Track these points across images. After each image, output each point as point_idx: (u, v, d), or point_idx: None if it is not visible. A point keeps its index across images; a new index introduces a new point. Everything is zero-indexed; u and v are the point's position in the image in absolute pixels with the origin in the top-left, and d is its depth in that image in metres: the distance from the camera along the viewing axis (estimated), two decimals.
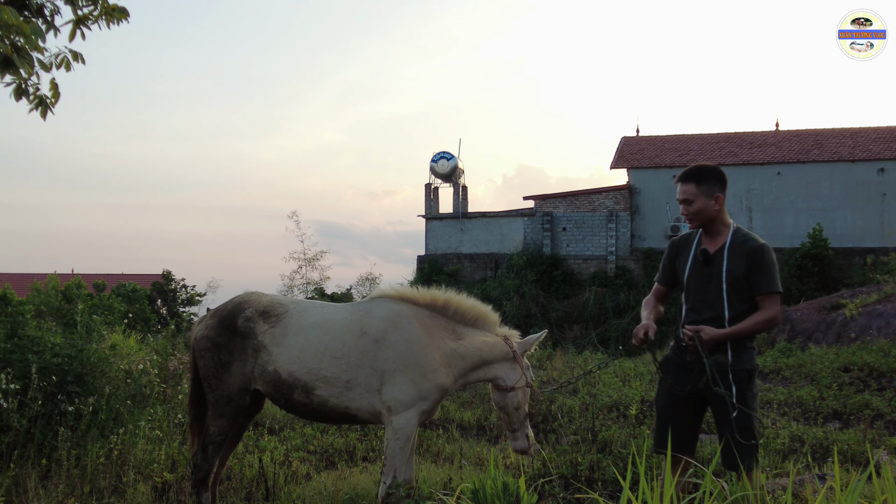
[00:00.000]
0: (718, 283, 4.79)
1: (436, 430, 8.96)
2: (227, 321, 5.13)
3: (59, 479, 6.10)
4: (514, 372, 5.33)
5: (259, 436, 8.11)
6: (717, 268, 4.82)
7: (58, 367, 6.98)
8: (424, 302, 5.19)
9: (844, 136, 35.07)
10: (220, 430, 5.09)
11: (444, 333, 5.13)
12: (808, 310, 17.69)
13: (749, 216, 33.45)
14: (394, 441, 4.85)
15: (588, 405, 9.60)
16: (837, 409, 10.05)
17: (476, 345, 5.21)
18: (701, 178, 4.91)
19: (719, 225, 4.93)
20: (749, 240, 4.83)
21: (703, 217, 4.88)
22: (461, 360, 5.16)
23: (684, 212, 4.93)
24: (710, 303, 4.82)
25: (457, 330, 5.24)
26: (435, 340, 5.03)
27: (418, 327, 5.00)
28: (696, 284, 4.90)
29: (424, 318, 5.09)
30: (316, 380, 4.94)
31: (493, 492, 4.63)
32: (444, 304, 5.23)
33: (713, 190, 4.89)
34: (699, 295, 4.87)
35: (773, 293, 4.71)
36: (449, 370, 5.05)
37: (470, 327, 5.29)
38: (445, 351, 5.07)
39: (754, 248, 4.77)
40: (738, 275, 4.74)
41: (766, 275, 4.71)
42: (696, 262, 4.91)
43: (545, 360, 15.91)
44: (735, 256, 4.78)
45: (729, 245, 4.84)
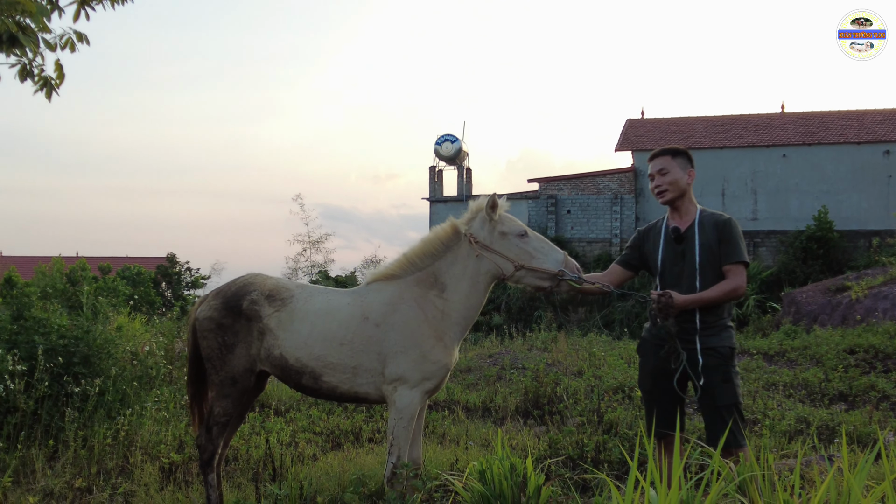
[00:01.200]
0: (692, 258, 4.91)
1: (441, 411, 8.96)
2: (231, 303, 5.11)
3: (67, 459, 6.12)
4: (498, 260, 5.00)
5: (265, 417, 8.12)
6: (690, 244, 4.94)
7: (64, 348, 6.98)
8: (403, 271, 5.14)
9: (850, 118, 34.96)
10: (224, 410, 5.07)
11: (433, 294, 5.05)
12: (814, 292, 17.66)
13: (754, 199, 33.42)
14: (397, 421, 4.84)
15: (593, 387, 9.58)
16: (843, 391, 10.02)
17: (455, 286, 5.05)
18: (675, 152, 5.11)
19: (688, 203, 5.06)
20: (716, 215, 4.98)
21: (676, 189, 5.01)
22: (450, 321, 5.03)
23: (658, 183, 5.05)
24: (684, 278, 4.92)
25: (438, 277, 5.10)
26: (428, 314, 4.98)
27: (413, 306, 4.97)
28: (671, 263, 5.00)
29: (415, 291, 5.04)
30: (324, 366, 4.94)
31: (501, 472, 4.63)
32: (411, 261, 5.14)
33: (686, 165, 5.06)
34: (673, 272, 4.99)
35: (739, 262, 4.86)
36: (448, 341, 5.00)
37: (441, 259, 5.11)
38: (437, 320, 4.99)
39: (723, 221, 4.92)
40: (710, 246, 4.88)
41: (733, 245, 4.86)
42: (669, 241, 5.03)
43: (550, 342, 15.91)
44: (705, 230, 4.92)
45: (699, 221, 4.97)
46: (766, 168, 33.54)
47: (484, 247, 4.99)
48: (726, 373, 4.80)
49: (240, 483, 5.96)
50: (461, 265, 5.05)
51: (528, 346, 16.17)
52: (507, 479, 4.59)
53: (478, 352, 15.49)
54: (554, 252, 5.01)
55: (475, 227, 5.05)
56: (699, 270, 4.87)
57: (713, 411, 4.77)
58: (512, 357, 14.00)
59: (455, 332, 5.06)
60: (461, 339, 5.16)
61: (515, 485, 4.60)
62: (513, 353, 14.69)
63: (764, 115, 37.16)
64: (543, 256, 4.98)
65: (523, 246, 4.98)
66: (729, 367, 4.82)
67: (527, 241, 5.00)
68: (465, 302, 5.06)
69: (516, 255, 4.97)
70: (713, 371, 4.79)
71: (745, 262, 4.89)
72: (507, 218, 5.07)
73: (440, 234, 5.15)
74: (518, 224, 5.06)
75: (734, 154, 33.77)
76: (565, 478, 5.53)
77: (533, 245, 5.00)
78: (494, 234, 5.00)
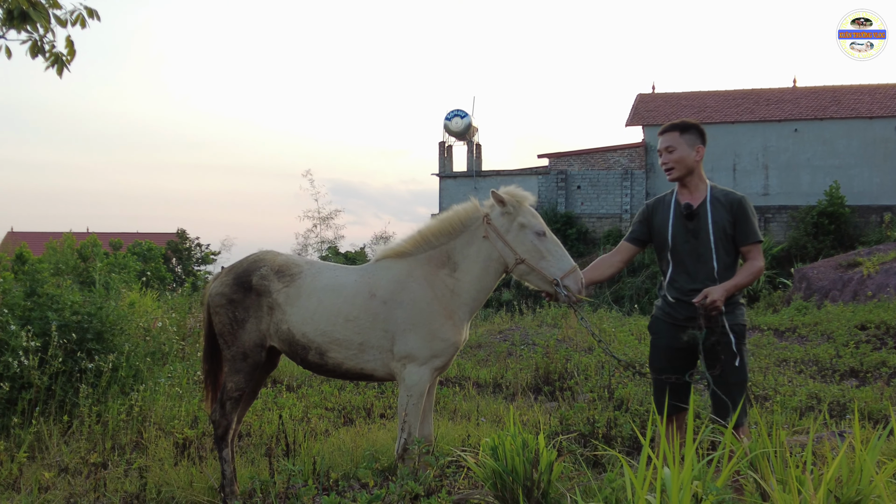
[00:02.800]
0: (706, 237, 4.87)
1: (452, 387, 8.99)
2: (242, 278, 5.15)
3: (81, 434, 6.17)
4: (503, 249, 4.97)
5: (277, 393, 8.16)
6: (703, 222, 4.89)
7: (77, 324, 7.02)
8: (416, 248, 5.13)
9: (862, 92, 34.69)
10: (236, 385, 5.12)
11: (444, 273, 5.05)
12: (825, 268, 17.61)
13: (765, 174, 33.27)
14: (407, 398, 4.87)
15: (604, 363, 9.59)
16: (854, 367, 10.02)
17: (468, 267, 5.04)
18: (684, 128, 4.99)
19: (697, 179, 5.00)
20: (728, 193, 4.93)
21: (683, 166, 4.94)
22: (459, 301, 5.02)
23: (665, 160, 4.99)
24: (697, 257, 4.90)
25: (451, 256, 5.09)
26: (438, 292, 4.98)
27: (423, 283, 4.97)
28: (682, 240, 4.95)
29: (425, 269, 5.04)
30: (329, 342, 4.96)
31: (513, 448, 4.65)
32: (426, 239, 5.12)
33: (695, 141, 4.97)
34: (685, 250, 4.93)
35: (757, 242, 4.87)
36: (457, 319, 5.00)
37: (457, 238, 5.09)
38: (447, 298, 4.99)
39: (736, 200, 4.88)
40: (723, 227, 4.84)
41: (750, 225, 4.85)
42: (679, 217, 4.96)
43: (560, 318, 15.91)
44: (718, 209, 4.87)
45: (710, 198, 4.92)
46: (778, 143, 33.35)
47: (497, 232, 4.97)
48: (739, 351, 4.81)
49: (253, 458, 6.00)
50: (476, 246, 5.04)
51: (538, 321, 16.19)
52: (519, 456, 4.61)
53: (488, 328, 15.52)
54: (563, 261, 4.93)
55: (495, 211, 5.01)
56: (714, 249, 4.85)
57: (724, 388, 4.76)
58: (522, 333, 14.03)
59: (464, 312, 5.06)
60: (470, 318, 5.16)
61: (527, 461, 4.62)
62: (523, 329, 14.72)
63: (776, 89, 36.89)
64: (552, 261, 4.91)
65: (537, 244, 4.93)
66: (741, 346, 4.83)
67: (543, 240, 4.94)
68: (477, 283, 5.05)
69: (525, 251, 4.94)
70: (726, 349, 4.79)
71: (761, 242, 4.90)
72: (530, 212, 5.02)
73: (460, 214, 5.13)
74: (540, 222, 5.00)
75: (746, 129, 33.58)
76: (577, 454, 5.55)
77: (546, 246, 4.94)
78: (514, 224, 4.96)
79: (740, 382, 4.79)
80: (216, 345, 5.31)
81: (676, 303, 4.93)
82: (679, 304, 4.91)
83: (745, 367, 4.83)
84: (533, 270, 4.94)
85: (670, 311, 4.98)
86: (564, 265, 4.91)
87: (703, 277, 4.84)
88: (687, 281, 4.91)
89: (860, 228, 30.04)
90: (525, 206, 5.01)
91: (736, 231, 4.84)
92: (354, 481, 5.39)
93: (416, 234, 5.16)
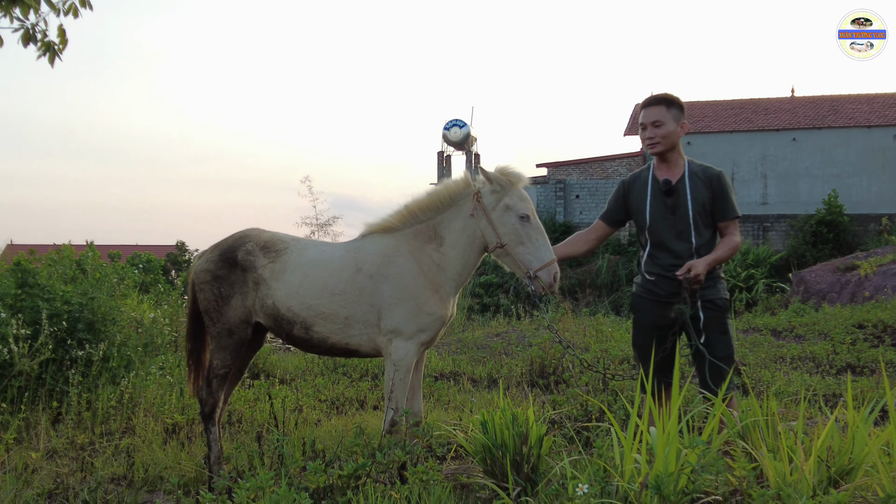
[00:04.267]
0: (685, 213, 4.87)
1: (447, 381, 8.95)
2: (227, 254, 5.14)
3: (71, 420, 6.13)
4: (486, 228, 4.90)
5: (270, 385, 8.12)
6: (681, 197, 4.89)
7: (68, 314, 6.98)
8: (403, 223, 5.09)
9: (860, 101, 34.74)
10: (222, 363, 5.10)
11: (430, 248, 5.00)
12: (823, 271, 17.57)
13: (764, 182, 33.26)
14: (394, 374, 4.84)
15: (599, 357, 9.54)
16: (851, 363, 9.96)
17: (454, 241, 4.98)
18: (670, 102, 4.97)
19: (677, 155, 5.00)
20: (707, 168, 4.93)
21: (668, 142, 4.94)
22: (445, 275, 4.98)
23: (650, 135, 4.95)
24: (677, 233, 4.89)
25: (437, 230, 5.04)
26: (424, 266, 4.94)
27: (409, 258, 4.94)
28: (660, 216, 4.93)
29: (412, 243, 5.00)
30: (315, 316, 4.93)
31: (502, 422, 4.61)
32: (413, 214, 5.08)
33: (679, 116, 4.97)
34: (664, 226, 4.92)
35: (735, 218, 4.88)
36: (443, 293, 4.97)
37: (445, 212, 5.04)
38: (433, 272, 4.95)
39: (715, 175, 4.89)
40: (702, 202, 4.84)
41: (728, 201, 4.86)
42: (657, 193, 4.94)
43: (557, 321, 15.86)
44: (697, 184, 4.87)
45: (689, 173, 4.92)
46: (776, 152, 33.35)
47: (483, 210, 4.92)
48: (723, 325, 4.82)
49: (243, 442, 5.96)
50: (462, 222, 4.99)
51: (535, 325, 16.12)
52: (508, 429, 4.57)
53: (485, 331, 15.46)
54: (542, 251, 4.85)
55: (486, 188, 4.95)
56: (693, 224, 4.84)
57: (711, 363, 4.74)
58: (519, 335, 13.97)
59: (451, 286, 5.03)
60: (457, 293, 5.13)
61: (517, 435, 4.58)
62: (520, 332, 14.66)
63: (774, 99, 36.95)
64: (530, 248, 4.84)
65: (518, 228, 4.86)
66: (725, 320, 4.84)
67: (525, 225, 4.87)
68: (462, 258, 5.01)
69: (506, 233, 4.88)
70: (711, 323, 4.79)
71: (739, 217, 4.91)
72: (519, 194, 4.95)
73: (450, 188, 5.08)
74: (527, 207, 4.92)
75: (744, 138, 33.60)
76: (568, 427, 5.51)
77: (527, 232, 4.87)
78: (500, 203, 4.91)
79: (727, 356, 4.79)
80: (200, 323, 5.30)
81: (658, 279, 4.93)
82: (661, 280, 4.91)
83: (730, 340, 4.83)
84: (509, 255, 4.89)
85: (652, 288, 4.97)
86: (542, 255, 4.84)
87: (682, 253, 4.84)
88: (667, 257, 4.90)
89: (859, 237, 29.99)
90: (515, 188, 4.94)
91: (715, 207, 4.85)
92: (342, 452, 5.35)
93: (403, 209, 5.12)
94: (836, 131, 32.77)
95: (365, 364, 9.29)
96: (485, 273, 29.75)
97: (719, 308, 4.83)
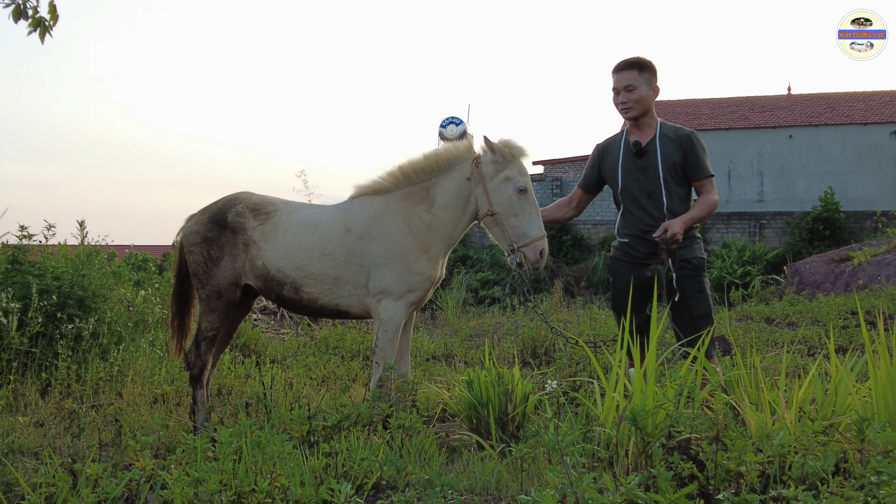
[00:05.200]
0: (655, 173, 4.94)
1: (439, 362, 8.95)
2: (217, 216, 5.16)
3: (60, 390, 6.13)
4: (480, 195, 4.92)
5: (262, 363, 8.13)
6: (652, 158, 4.95)
7: (58, 290, 6.98)
8: (395, 185, 5.10)
9: (857, 99, 34.78)
10: (211, 325, 5.12)
11: (421, 209, 5.00)
12: (817, 262, 17.58)
13: (760, 180, 33.28)
14: (382, 333, 4.86)
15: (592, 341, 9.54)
16: (843, 346, 9.97)
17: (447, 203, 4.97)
18: (642, 66, 5.00)
19: (650, 118, 5.04)
20: (678, 129, 4.99)
21: (641, 106, 4.99)
22: (436, 236, 4.97)
23: (623, 100, 4.98)
24: (648, 193, 4.96)
25: (430, 191, 5.04)
26: (413, 226, 4.95)
27: (398, 219, 4.95)
28: (632, 178, 4.98)
29: (402, 205, 5.01)
30: (304, 277, 4.96)
31: (488, 381, 4.63)
32: (407, 175, 5.08)
33: (652, 80, 5.02)
34: (636, 187, 4.98)
35: (710, 176, 4.94)
36: (433, 254, 4.97)
37: (441, 175, 5.03)
38: (423, 233, 4.95)
39: (686, 135, 4.94)
40: (673, 162, 4.89)
41: (700, 160, 4.91)
42: (629, 155, 5.00)
43: (551, 312, 15.87)
44: (667, 145, 4.92)
45: (660, 134, 4.96)
46: (773, 149, 33.36)
47: (481, 177, 4.93)
48: (699, 283, 4.87)
49: (231, 410, 5.95)
50: (458, 186, 5.01)
51: (530, 316, 16.13)
52: (494, 388, 4.60)
53: (480, 321, 15.47)
54: (533, 226, 4.86)
55: (487, 156, 4.97)
56: (664, 185, 4.88)
57: (689, 322, 4.79)
58: (513, 323, 13.98)
59: (440, 248, 5.04)
60: (446, 255, 5.14)
61: (503, 393, 4.61)
62: (514, 321, 14.67)
63: (770, 96, 36.98)
64: (523, 220, 4.85)
65: (514, 200, 4.87)
66: (701, 278, 4.90)
67: (522, 199, 4.87)
68: (453, 220, 5.03)
69: (500, 203, 4.88)
70: (687, 282, 4.84)
71: (713, 176, 4.96)
72: (519, 168, 4.95)
73: (451, 152, 5.09)
74: (526, 181, 4.93)
75: (740, 135, 33.61)
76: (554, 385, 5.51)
77: (522, 205, 4.87)
78: (499, 174, 4.91)
79: (706, 315, 4.84)
80: (185, 286, 5.34)
81: (634, 240, 4.98)
82: (637, 240, 4.97)
83: (708, 298, 4.89)
84: (498, 225, 4.89)
85: (628, 251, 5.02)
86: (532, 231, 4.85)
87: (655, 213, 4.89)
88: (640, 218, 4.96)
89: (855, 234, 29.98)
90: (517, 162, 4.95)
91: (687, 166, 4.92)
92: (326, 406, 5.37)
93: (397, 171, 5.13)
94: (833, 129, 32.79)
95: (356, 344, 9.31)
96: (481, 271, 29.78)
97: (695, 267, 4.88)
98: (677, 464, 3.07)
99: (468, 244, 32.58)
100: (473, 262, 30.89)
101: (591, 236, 33.86)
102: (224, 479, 2.99)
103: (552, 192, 34.62)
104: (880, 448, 3.02)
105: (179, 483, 2.97)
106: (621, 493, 2.57)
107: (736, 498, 2.67)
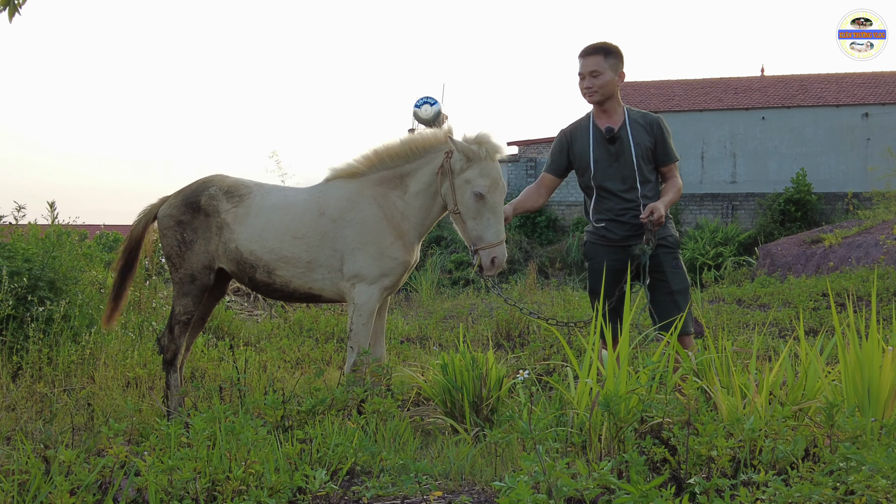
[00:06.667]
0: (629, 158, 5.02)
1: (413, 344, 8.97)
2: (190, 199, 5.13)
3: (31, 374, 6.07)
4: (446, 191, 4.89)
5: (235, 346, 8.10)
6: (624, 144, 5.03)
7: (29, 272, 6.91)
8: (369, 168, 5.06)
9: (829, 81, 35.01)
10: (185, 309, 5.10)
11: (395, 195, 4.97)
12: (789, 244, 17.76)
13: (733, 161, 33.48)
14: (356, 317, 4.86)
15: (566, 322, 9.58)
16: (814, 328, 10.09)
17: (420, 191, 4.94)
18: (608, 52, 5.06)
19: (615, 103, 5.13)
20: (646, 114, 5.12)
21: (606, 91, 5.05)
22: (409, 223, 4.95)
23: (588, 85, 5.04)
24: (622, 178, 5.04)
25: (404, 178, 5.00)
26: (387, 212, 4.93)
27: (372, 203, 4.92)
28: (605, 163, 5.06)
29: (376, 189, 4.97)
30: (277, 260, 4.94)
31: (462, 364, 4.65)
32: (382, 159, 5.03)
33: (618, 65, 5.09)
34: (610, 173, 5.05)
35: (676, 161, 5.12)
36: (407, 240, 4.96)
37: (416, 161, 4.99)
38: (397, 219, 4.93)
39: (655, 121, 5.09)
40: (645, 147, 5.01)
41: (669, 145, 5.09)
42: (600, 141, 5.05)
43: (525, 293, 15.93)
44: (638, 130, 5.03)
45: (629, 121, 5.06)
46: (746, 131, 33.54)
47: (450, 172, 4.87)
48: (675, 259, 5.00)
49: (205, 393, 5.94)
50: (430, 176, 4.96)
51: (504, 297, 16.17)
52: (468, 371, 4.62)
53: (454, 302, 15.50)
54: (489, 231, 4.78)
55: (457, 152, 4.86)
56: (637, 169, 4.98)
57: (668, 297, 4.91)
58: (487, 305, 14.02)
59: (414, 234, 5.03)
60: (420, 241, 5.13)
61: (477, 377, 4.62)
62: (488, 303, 14.71)
63: (743, 78, 37.13)
64: (480, 226, 4.79)
65: (472, 203, 4.78)
66: (676, 255, 5.03)
67: (480, 203, 4.77)
68: (425, 209, 5.01)
69: (461, 202, 4.81)
70: (664, 258, 4.95)
71: (678, 160, 5.14)
72: (481, 170, 4.82)
73: (427, 139, 5.03)
74: (486, 184, 4.79)
75: (713, 117, 33.76)
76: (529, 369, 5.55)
77: (479, 210, 4.78)
78: (462, 174, 4.82)
79: (683, 289, 4.96)
80: (131, 262, 5.34)
81: (609, 224, 5.04)
82: (613, 224, 5.03)
83: (684, 273, 5.04)
84: (461, 223, 4.87)
85: (605, 234, 5.08)
86: (489, 236, 4.79)
87: (630, 197, 4.98)
88: (616, 202, 5.03)
89: (826, 215, 30.27)
90: (482, 163, 4.83)
91: (657, 151, 5.05)
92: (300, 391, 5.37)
93: (372, 154, 5.09)
94: (805, 110, 33.01)
95: (331, 327, 9.30)
96: (456, 251, 29.80)
97: (671, 245, 5.02)
98: (650, 448, 3.10)
99: (443, 225, 32.56)
100: (448, 243, 30.91)
101: (565, 217, 33.94)
102: (198, 467, 2.99)
103: (527, 173, 34.67)
104: (849, 433, 3.07)
105: (153, 470, 2.96)
106: (594, 478, 2.59)
107: (707, 482, 2.70)
